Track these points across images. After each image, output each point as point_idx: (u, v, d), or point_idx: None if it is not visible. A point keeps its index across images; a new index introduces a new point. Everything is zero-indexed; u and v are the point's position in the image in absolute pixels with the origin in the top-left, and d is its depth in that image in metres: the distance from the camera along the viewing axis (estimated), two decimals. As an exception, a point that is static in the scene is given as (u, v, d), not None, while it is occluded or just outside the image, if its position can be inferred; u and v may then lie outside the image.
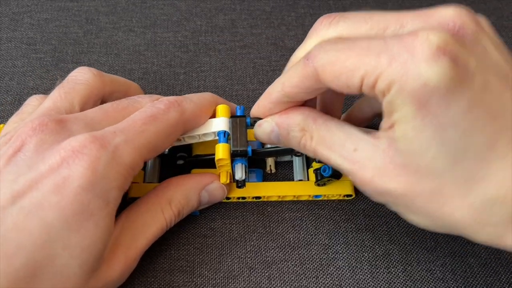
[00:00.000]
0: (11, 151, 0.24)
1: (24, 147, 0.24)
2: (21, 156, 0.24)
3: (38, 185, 0.23)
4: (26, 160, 0.24)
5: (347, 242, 0.32)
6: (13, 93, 0.39)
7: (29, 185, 0.23)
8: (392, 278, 0.31)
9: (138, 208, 0.29)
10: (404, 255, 0.32)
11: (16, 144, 0.25)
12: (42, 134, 0.25)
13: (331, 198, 0.34)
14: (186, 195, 0.30)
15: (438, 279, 0.31)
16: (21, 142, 0.25)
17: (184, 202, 0.30)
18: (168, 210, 0.29)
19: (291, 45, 0.44)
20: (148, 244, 0.29)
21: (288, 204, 0.34)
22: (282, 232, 0.33)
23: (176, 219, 0.30)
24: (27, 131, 0.25)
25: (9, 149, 0.25)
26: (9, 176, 0.23)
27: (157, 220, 0.29)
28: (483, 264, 0.32)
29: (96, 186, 0.23)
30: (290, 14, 0.47)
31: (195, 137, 0.31)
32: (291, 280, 0.31)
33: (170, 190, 0.30)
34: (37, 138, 0.25)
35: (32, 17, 0.45)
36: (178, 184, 0.31)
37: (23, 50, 0.42)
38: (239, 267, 0.31)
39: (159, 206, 0.29)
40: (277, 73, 0.41)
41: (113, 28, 0.44)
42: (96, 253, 0.24)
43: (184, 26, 0.45)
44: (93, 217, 0.24)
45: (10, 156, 0.24)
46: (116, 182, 0.25)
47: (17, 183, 0.23)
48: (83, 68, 0.31)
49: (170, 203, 0.30)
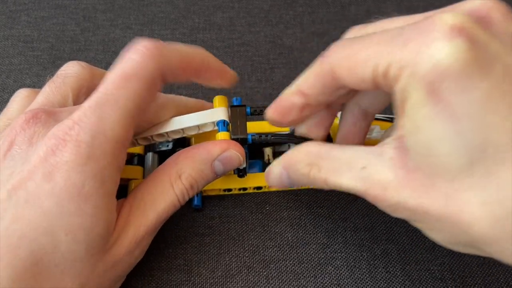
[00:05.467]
0: (6, 145, 0.25)
1: (18, 141, 0.25)
2: (16, 149, 0.24)
3: (32, 175, 0.23)
4: (21, 153, 0.24)
5: (346, 241, 0.32)
6: (9, 90, 0.39)
7: (24, 178, 0.23)
8: (391, 277, 0.31)
9: (146, 185, 0.28)
10: (402, 255, 0.32)
11: (10, 138, 0.25)
12: (35, 126, 0.25)
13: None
14: (197, 167, 0.29)
15: (436, 279, 0.31)
16: (14, 136, 0.25)
17: (195, 175, 0.28)
18: (178, 184, 0.28)
19: (289, 43, 0.44)
20: (159, 221, 0.27)
21: (287, 203, 0.34)
22: (281, 231, 0.32)
23: (190, 193, 0.29)
24: (21, 124, 0.25)
25: (4, 143, 0.25)
26: (6, 171, 0.24)
27: (167, 196, 0.28)
28: (481, 264, 0.31)
29: (86, 168, 0.23)
30: (288, 12, 0.47)
31: (194, 128, 0.31)
32: (289, 279, 0.30)
33: (178, 163, 0.28)
34: (30, 131, 0.25)
35: (29, 15, 0.44)
36: (187, 157, 0.29)
37: (20, 48, 0.42)
38: (237, 266, 0.31)
39: (168, 180, 0.28)
40: (275, 71, 0.41)
41: (110, 25, 0.44)
42: (100, 234, 0.24)
43: (182, 24, 0.45)
44: (90, 198, 0.23)
45: (5, 151, 0.25)
46: (106, 159, 0.24)
47: (13, 177, 0.23)
48: (72, 62, 0.31)
49: (180, 176, 0.28)
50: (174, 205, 0.28)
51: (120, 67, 0.25)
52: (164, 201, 0.28)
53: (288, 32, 0.45)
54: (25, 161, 0.24)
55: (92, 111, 0.24)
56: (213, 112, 0.31)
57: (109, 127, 0.24)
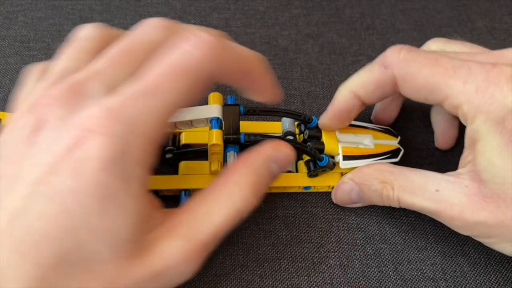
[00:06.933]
0: (28, 132, 0.22)
1: (41, 127, 0.22)
2: (39, 137, 0.22)
3: (56, 169, 0.21)
4: (44, 140, 0.22)
5: (339, 240, 0.32)
6: (5, 90, 0.39)
7: (48, 171, 0.21)
8: (383, 277, 0.31)
9: (201, 196, 0.25)
10: (395, 255, 0.32)
11: (33, 124, 0.22)
12: (58, 108, 0.22)
13: (320, 190, 0.34)
14: (255, 172, 0.26)
15: (428, 279, 0.31)
16: (37, 122, 0.22)
17: (254, 180, 0.26)
18: (236, 194, 0.25)
19: (285, 44, 0.44)
20: (217, 236, 0.25)
21: (281, 201, 0.34)
22: (275, 229, 0.33)
23: (251, 201, 0.26)
24: (41, 109, 0.23)
25: (26, 130, 0.23)
26: (29, 161, 0.22)
27: (225, 207, 0.25)
28: (473, 264, 0.32)
29: (115, 166, 0.21)
30: (284, 14, 0.47)
31: (187, 123, 0.30)
32: (283, 278, 0.31)
33: (236, 172, 0.26)
34: (53, 114, 0.22)
35: (26, 16, 0.44)
36: (243, 163, 0.27)
37: (16, 48, 0.42)
38: (231, 265, 0.31)
39: (225, 191, 0.25)
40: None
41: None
42: (126, 237, 0.22)
43: (178, 25, 0.45)
44: (116, 199, 0.22)
45: (28, 139, 0.22)
46: (137, 157, 0.22)
47: (36, 169, 0.21)
48: (80, 26, 0.27)
49: (238, 184, 0.25)
50: (233, 217, 0.25)
51: (174, 58, 0.23)
52: (221, 214, 0.25)
53: (283, 33, 0.45)
54: (48, 150, 0.22)
55: (132, 101, 0.22)
56: (208, 109, 0.31)
57: (147, 122, 0.22)
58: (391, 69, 0.27)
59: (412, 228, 0.33)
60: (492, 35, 0.46)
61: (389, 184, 0.30)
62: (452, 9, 0.48)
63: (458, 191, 0.27)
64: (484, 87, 0.25)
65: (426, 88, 0.27)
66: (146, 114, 0.22)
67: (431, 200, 0.28)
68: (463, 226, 0.28)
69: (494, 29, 0.47)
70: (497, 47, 0.30)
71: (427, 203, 0.28)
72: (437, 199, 0.28)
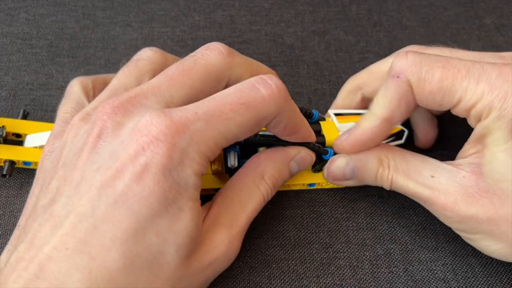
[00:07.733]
0: (91, 139, 0.24)
1: (103, 134, 0.24)
2: (101, 143, 0.24)
3: (120, 174, 0.22)
4: (107, 147, 0.23)
5: (348, 241, 0.32)
6: (7, 88, 0.38)
7: (112, 175, 0.22)
8: (393, 277, 0.30)
9: (233, 187, 0.29)
10: (405, 255, 0.31)
11: (95, 131, 0.24)
12: (117, 116, 0.24)
13: (325, 187, 0.34)
14: (277, 167, 0.30)
15: (439, 279, 0.31)
16: (99, 129, 0.24)
17: (277, 175, 0.29)
18: (263, 184, 0.29)
19: (291, 42, 0.44)
20: (249, 221, 0.28)
21: (289, 201, 0.33)
22: (283, 230, 0.32)
23: (272, 192, 0.30)
24: (102, 116, 0.24)
25: (89, 137, 0.24)
26: (93, 167, 0.23)
27: (255, 196, 0.28)
28: (484, 264, 0.31)
29: (173, 173, 0.23)
30: (290, 11, 0.46)
31: None
32: (291, 279, 0.30)
33: (260, 165, 0.29)
34: (113, 122, 0.24)
35: (28, 12, 0.44)
36: (268, 158, 0.30)
37: (19, 45, 0.41)
38: (239, 266, 0.30)
39: (253, 181, 0.29)
40: (276, 69, 0.41)
41: (110, 23, 0.44)
42: (190, 236, 0.24)
43: (182, 22, 0.45)
44: (176, 202, 0.23)
45: (91, 145, 0.24)
46: (192, 168, 0.24)
47: (101, 174, 0.23)
48: (144, 49, 0.30)
49: (264, 177, 0.29)
50: (260, 204, 0.29)
51: (246, 93, 0.25)
52: (252, 202, 0.28)
53: (289, 30, 0.45)
54: (111, 156, 0.23)
55: (198, 119, 0.23)
56: None
57: (207, 140, 0.24)
58: (404, 76, 0.27)
59: (422, 228, 0.33)
60: (500, 32, 0.46)
61: (386, 163, 0.29)
62: (459, 6, 0.48)
63: (454, 180, 0.27)
64: (498, 84, 0.25)
65: (440, 92, 0.26)
66: (208, 134, 0.24)
67: (426, 186, 0.28)
68: (453, 217, 0.27)
69: (503, 26, 0.46)
70: (505, 44, 0.29)
71: (420, 189, 0.28)
72: (431, 186, 0.28)
